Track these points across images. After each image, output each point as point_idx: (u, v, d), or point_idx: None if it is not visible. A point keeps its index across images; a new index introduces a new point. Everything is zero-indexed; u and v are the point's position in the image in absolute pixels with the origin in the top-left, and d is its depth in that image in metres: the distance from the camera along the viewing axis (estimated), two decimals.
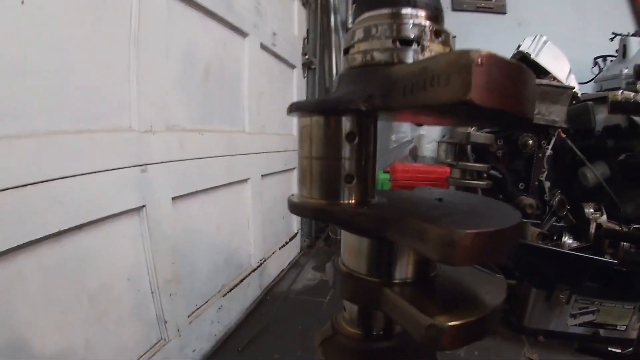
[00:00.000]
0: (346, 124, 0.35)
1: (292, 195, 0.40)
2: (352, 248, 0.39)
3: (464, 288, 0.37)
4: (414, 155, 2.63)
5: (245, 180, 1.79)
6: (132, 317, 1.11)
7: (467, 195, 0.53)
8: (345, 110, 0.34)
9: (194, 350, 1.38)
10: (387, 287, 0.34)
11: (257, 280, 1.95)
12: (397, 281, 0.36)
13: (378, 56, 0.34)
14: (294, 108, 0.37)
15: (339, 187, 0.35)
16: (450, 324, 0.28)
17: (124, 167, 1.06)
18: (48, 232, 0.86)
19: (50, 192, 0.85)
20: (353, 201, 0.36)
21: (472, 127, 1.59)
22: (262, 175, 1.94)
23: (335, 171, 0.35)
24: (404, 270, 0.37)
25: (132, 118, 1.10)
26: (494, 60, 0.25)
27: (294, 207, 0.37)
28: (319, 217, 0.36)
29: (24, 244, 0.80)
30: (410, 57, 0.33)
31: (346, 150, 0.35)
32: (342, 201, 0.35)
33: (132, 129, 1.10)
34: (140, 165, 1.11)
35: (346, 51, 0.37)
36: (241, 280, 1.76)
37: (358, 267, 0.38)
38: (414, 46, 0.33)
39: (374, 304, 0.36)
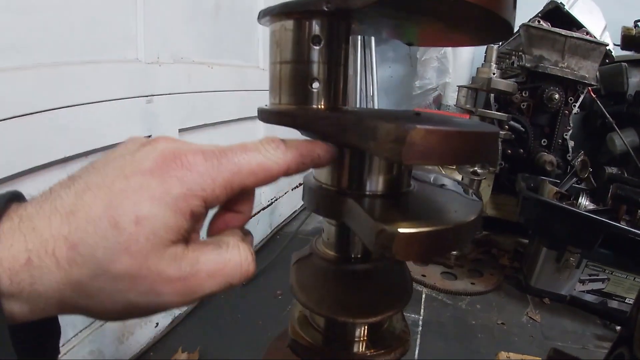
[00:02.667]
0: (312, 26, 0.33)
1: (265, 105, 0.38)
2: None
3: (433, 204, 0.35)
4: (438, 103, 2.54)
5: (257, 117, 1.77)
6: None
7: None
8: (307, 11, 0.32)
9: None
10: (351, 197, 0.33)
11: (267, 219, 1.98)
12: (363, 193, 0.35)
13: None
14: (262, 14, 0.35)
15: (304, 91, 0.33)
16: (401, 230, 0.26)
17: (129, 97, 1.07)
18: (54, 158, 0.88)
19: (55, 120, 0.87)
20: (322, 107, 0.34)
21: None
22: None
23: (300, 75, 0.33)
24: (373, 183, 0.35)
25: (138, 49, 1.10)
26: None
27: (261, 114, 0.36)
28: (282, 121, 0.34)
29: (30, 169, 0.83)
30: None
31: (311, 54, 0.33)
32: (308, 106, 0.34)
33: (138, 60, 1.10)
34: (146, 96, 1.11)
35: None
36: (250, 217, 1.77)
37: (327, 179, 0.37)
38: None
39: (337, 215, 0.35)
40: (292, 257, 0.49)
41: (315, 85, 0.33)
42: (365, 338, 0.47)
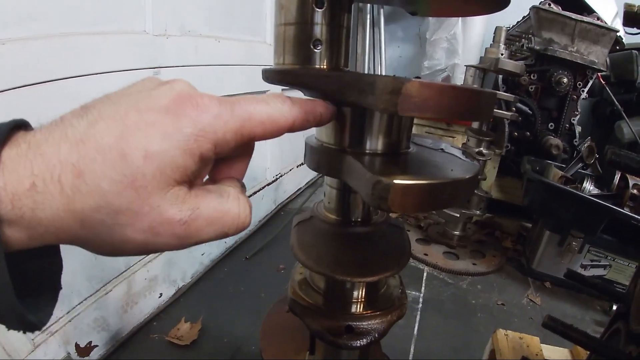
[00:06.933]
0: None
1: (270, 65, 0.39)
2: None
3: (431, 162, 0.36)
4: None
5: (264, 92, 1.76)
6: None
7: None
8: None
9: (202, 254, 1.46)
10: (351, 155, 0.34)
11: (272, 195, 2.00)
12: (363, 151, 0.36)
13: None
14: None
15: (307, 51, 0.34)
16: (397, 182, 0.27)
17: (137, 69, 1.08)
18: None
19: (65, 89, 0.89)
20: (324, 67, 0.35)
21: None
22: (282, 89, 1.92)
23: (303, 36, 0.34)
24: (372, 142, 0.36)
25: (147, 21, 1.11)
26: None
27: (265, 73, 0.37)
28: (285, 80, 0.35)
29: None
30: None
31: (314, 16, 0.34)
32: (311, 66, 0.34)
33: (146, 32, 1.11)
34: (154, 68, 1.12)
35: None
36: (255, 192, 1.81)
37: (328, 138, 0.38)
38: None
39: (336, 172, 0.36)
40: (293, 220, 0.50)
41: (318, 46, 0.34)
42: (363, 299, 0.48)
